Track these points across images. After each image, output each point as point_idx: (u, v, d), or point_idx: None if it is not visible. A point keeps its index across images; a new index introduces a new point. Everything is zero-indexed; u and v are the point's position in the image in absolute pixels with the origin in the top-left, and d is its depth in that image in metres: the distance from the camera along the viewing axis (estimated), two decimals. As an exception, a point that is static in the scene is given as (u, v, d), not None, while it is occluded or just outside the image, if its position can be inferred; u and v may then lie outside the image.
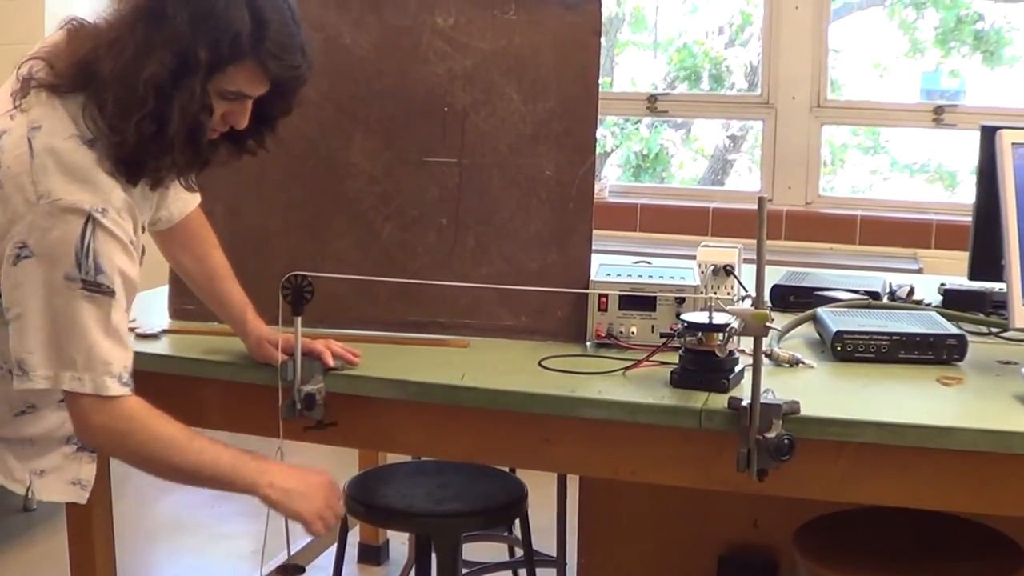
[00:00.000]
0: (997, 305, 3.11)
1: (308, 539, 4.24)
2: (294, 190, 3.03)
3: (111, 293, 2.24)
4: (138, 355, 2.77)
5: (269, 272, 2.67)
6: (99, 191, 2.22)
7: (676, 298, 2.79)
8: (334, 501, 2.49)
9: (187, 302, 3.06)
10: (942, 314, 2.98)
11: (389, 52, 3.04)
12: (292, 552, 4.16)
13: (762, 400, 2.25)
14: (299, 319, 2.52)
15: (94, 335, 2.24)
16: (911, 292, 3.29)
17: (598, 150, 3.05)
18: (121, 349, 2.29)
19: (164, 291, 3.12)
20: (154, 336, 2.93)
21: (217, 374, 2.77)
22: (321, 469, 2.52)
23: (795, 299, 3.23)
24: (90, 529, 3.04)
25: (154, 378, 2.82)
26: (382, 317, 2.97)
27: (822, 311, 2.97)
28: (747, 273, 2.84)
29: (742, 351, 2.53)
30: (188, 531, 5.02)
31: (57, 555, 3.09)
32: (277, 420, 2.55)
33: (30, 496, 2.52)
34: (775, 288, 3.26)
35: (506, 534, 4.21)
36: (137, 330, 2.94)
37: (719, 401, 2.37)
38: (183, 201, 2.71)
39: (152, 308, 3.16)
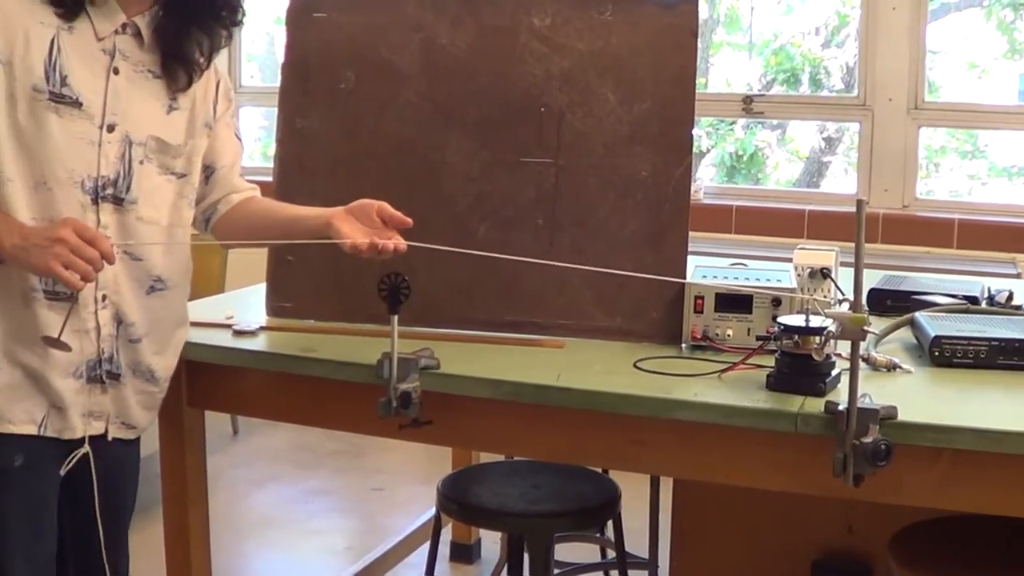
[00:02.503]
0: (1099, 311, 3.08)
1: (401, 535, 4.28)
2: (391, 190, 3.03)
3: None
4: (235, 351, 2.82)
5: (366, 271, 2.69)
6: None
7: (772, 300, 2.77)
8: (79, 244, 2.33)
9: (284, 300, 3.09)
10: (1042, 320, 2.94)
11: (486, 52, 3.05)
12: (385, 548, 4.21)
13: (859, 405, 2.23)
14: (395, 318, 2.53)
15: None
16: (1010, 297, 3.25)
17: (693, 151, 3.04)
18: None
19: (262, 288, 3.15)
20: (252, 333, 2.96)
21: (313, 371, 2.78)
22: (69, 218, 2.39)
23: (892, 303, 3.20)
24: (186, 524, 3.07)
25: (251, 374, 2.86)
26: (478, 317, 2.98)
27: (920, 315, 2.94)
28: (843, 276, 2.82)
29: (839, 355, 2.52)
30: (280, 527, 5.07)
31: (153, 547, 3.13)
32: (373, 418, 2.55)
33: None
34: (872, 292, 3.23)
35: (598, 535, 4.21)
36: (235, 327, 2.97)
37: (815, 405, 2.35)
38: (228, 198, 2.83)
39: (250, 305, 3.19)
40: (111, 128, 2.48)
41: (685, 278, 2.87)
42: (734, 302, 2.79)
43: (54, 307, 2.46)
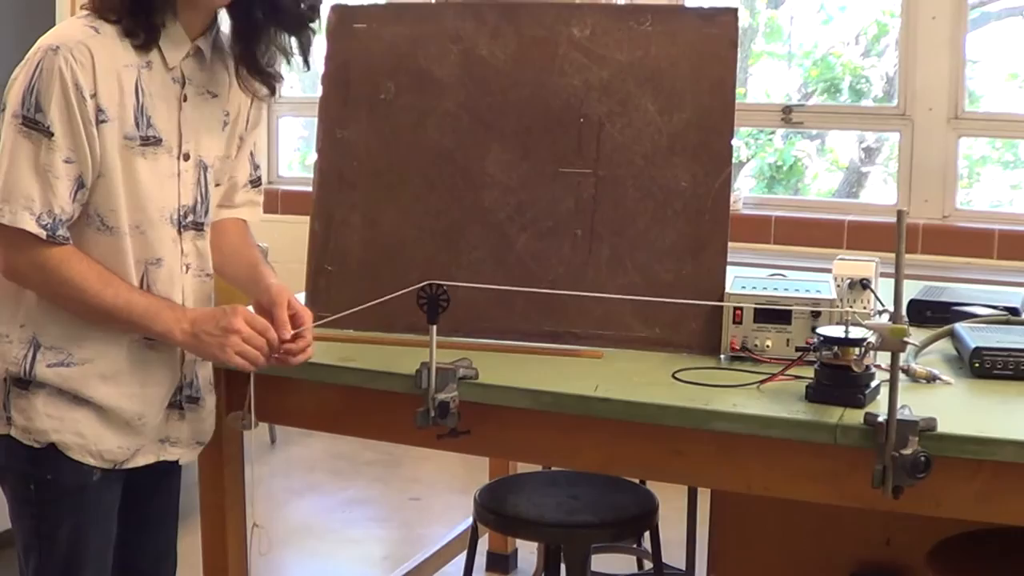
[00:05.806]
0: None
1: (438, 545, 4.28)
2: (431, 200, 3.05)
3: (47, 132, 2.29)
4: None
5: (405, 281, 2.69)
6: (63, 34, 2.33)
7: (812, 312, 2.76)
8: (251, 334, 2.42)
9: (323, 309, 3.09)
10: (1084, 331, 2.92)
11: (525, 63, 3.06)
12: (422, 558, 4.21)
13: (899, 416, 2.23)
14: (434, 327, 2.53)
15: (21, 169, 2.30)
16: (1052, 308, 3.23)
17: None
18: (47, 191, 2.31)
19: (301, 298, 3.16)
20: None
21: (352, 381, 2.80)
22: (238, 307, 2.46)
23: (932, 314, 3.18)
24: (223, 532, 3.09)
25: (290, 383, 2.87)
26: (516, 327, 2.98)
27: (960, 327, 2.92)
28: (883, 287, 2.81)
29: (878, 366, 2.51)
30: (318, 535, 5.08)
31: (191, 556, 3.14)
32: (411, 427, 2.55)
33: None
34: (912, 303, 3.21)
35: (635, 546, 4.21)
36: (274, 336, 2.98)
37: (855, 417, 2.35)
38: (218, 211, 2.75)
39: (289, 315, 3.20)
40: (187, 157, 2.49)
41: (724, 288, 2.86)
42: (773, 313, 2.78)
43: (154, 346, 2.50)
